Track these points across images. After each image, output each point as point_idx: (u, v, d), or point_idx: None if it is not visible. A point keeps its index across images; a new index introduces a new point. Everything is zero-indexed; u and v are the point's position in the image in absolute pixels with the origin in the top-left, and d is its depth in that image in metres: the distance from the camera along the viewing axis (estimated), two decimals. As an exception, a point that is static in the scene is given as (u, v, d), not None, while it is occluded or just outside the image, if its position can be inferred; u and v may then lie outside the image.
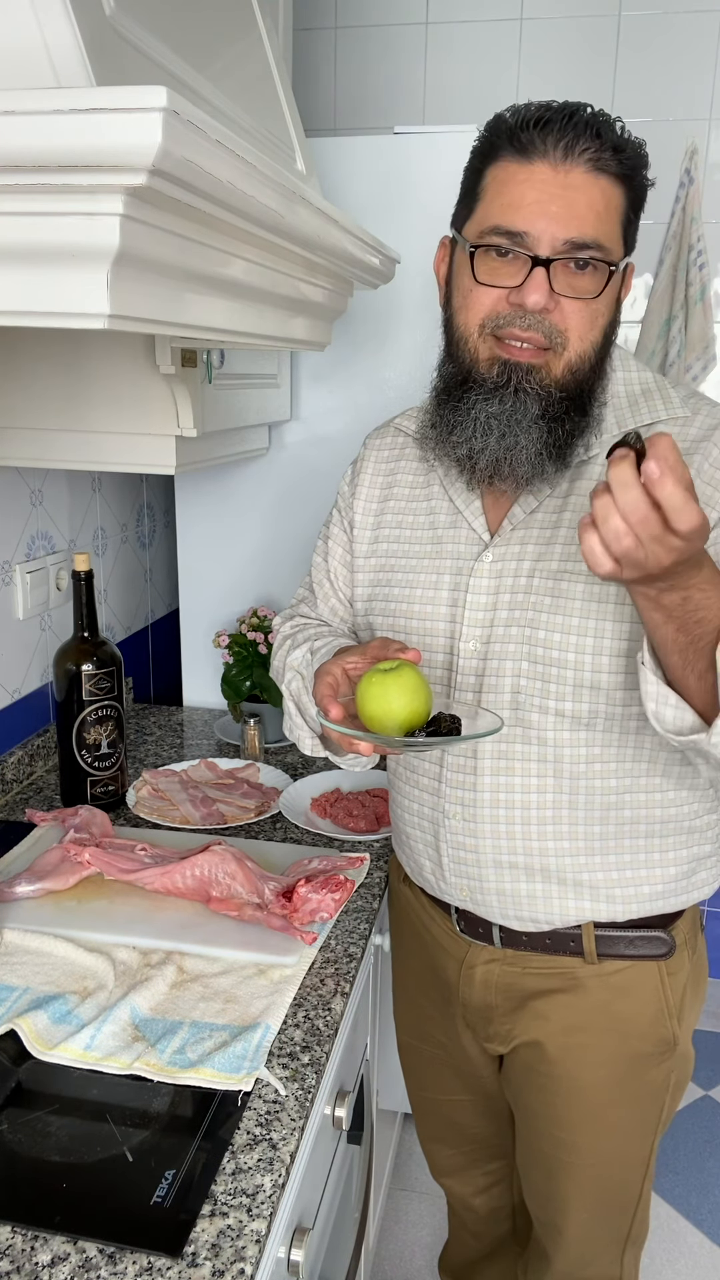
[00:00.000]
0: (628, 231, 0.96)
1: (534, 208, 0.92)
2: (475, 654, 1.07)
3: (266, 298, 1.14)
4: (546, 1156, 1.20)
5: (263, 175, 0.88)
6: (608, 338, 0.99)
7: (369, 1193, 1.42)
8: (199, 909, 1.24)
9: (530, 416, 0.97)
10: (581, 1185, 1.20)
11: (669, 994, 1.11)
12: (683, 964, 1.12)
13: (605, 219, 0.93)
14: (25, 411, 1.39)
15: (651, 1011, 1.11)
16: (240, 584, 1.99)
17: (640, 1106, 1.16)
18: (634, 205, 0.95)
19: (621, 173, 0.92)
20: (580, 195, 0.91)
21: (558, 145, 0.91)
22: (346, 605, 1.25)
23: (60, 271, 0.76)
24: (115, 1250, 0.78)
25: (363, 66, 2.34)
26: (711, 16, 2.16)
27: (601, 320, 0.97)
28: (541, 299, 0.92)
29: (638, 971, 1.10)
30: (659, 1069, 1.14)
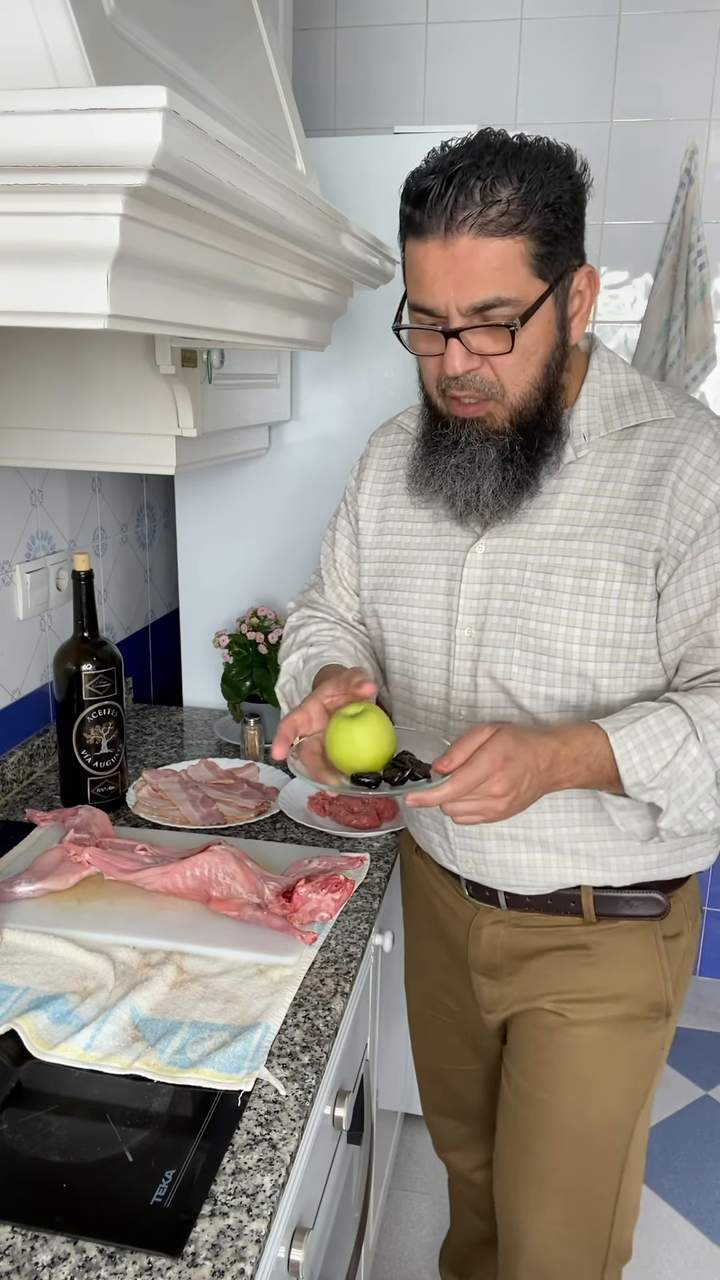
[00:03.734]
0: (546, 263, 0.97)
1: (433, 284, 0.97)
2: (470, 640, 1.13)
3: (266, 298, 1.14)
4: (524, 1124, 1.23)
5: (263, 175, 0.88)
6: (549, 366, 1.03)
7: (369, 1193, 1.42)
8: (199, 909, 1.24)
9: (488, 462, 1.05)
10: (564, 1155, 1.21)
11: (664, 960, 1.17)
12: (681, 930, 1.18)
13: (505, 272, 0.95)
14: (25, 411, 1.39)
15: (647, 974, 1.16)
16: (240, 584, 1.99)
17: (630, 1074, 1.20)
18: (545, 239, 0.96)
19: (512, 225, 0.94)
20: (471, 262, 0.95)
21: (440, 221, 0.95)
22: (352, 594, 1.30)
23: (60, 271, 0.76)
24: (115, 1250, 0.78)
25: (363, 66, 2.34)
26: (711, 16, 2.16)
27: (534, 358, 1.01)
28: (460, 365, 0.99)
29: (635, 933, 1.16)
30: (649, 1039, 1.19)
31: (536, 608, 1.08)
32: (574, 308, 1.03)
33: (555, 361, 1.03)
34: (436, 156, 0.98)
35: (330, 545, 1.33)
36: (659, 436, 1.05)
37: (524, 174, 0.95)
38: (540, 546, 1.09)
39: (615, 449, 1.07)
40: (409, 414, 1.26)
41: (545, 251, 0.97)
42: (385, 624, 1.22)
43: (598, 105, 2.25)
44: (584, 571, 1.06)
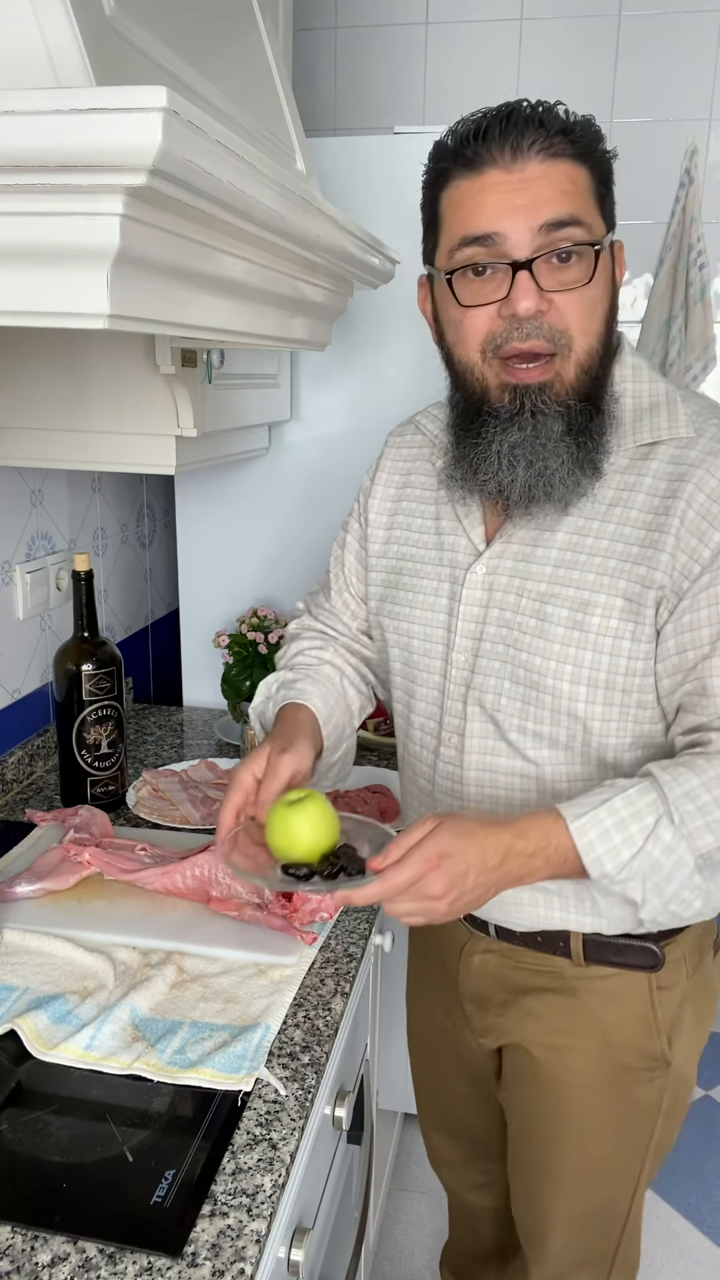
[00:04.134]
0: (604, 207, 0.93)
1: (496, 208, 0.90)
2: (465, 665, 1.07)
3: (266, 298, 1.14)
4: (531, 1162, 1.19)
5: (263, 175, 0.88)
6: (609, 326, 0.96)
7: (369, 1193, 1.42)
8: (199, 909, 1.24)
9: (555, 436, 0.94)
10: (563, 1196, 1.17)
11: (658, 1008, 1.08)
12: (677, 980, 1.09)
13: (576, 196, 0.90)
14: (25, 411, 1.39)
15: (637, 1023, 1.08)
16: (240, 584, 1.99)
17: (628, 1124, 1.13)
18: (602, 179, 0.92)
19: (579, 152, 0.89)
20: (542, 183, 0.89)
21: (504, 148, 0.88)
22: (359, 602, 1.25)
23: (60, 271, 0.76)
24: (115, 1250, 0.78)
25: (363, 66, 2.34)
26: (711, 16, 2.16)
27: (600, 308, 0.93)
28: (532, 304, 0.89)
29: (625, 980, 1.07)
30: (649, 1087, 1.11)
31: (530, 639, 1.00)
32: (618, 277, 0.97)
33: (609, 329, 0.96)
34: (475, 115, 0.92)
35: (340, 547, 1.27)
36: (674, 458, 0.95)
37: (583, 119, 0.92)
38: (540, 572, 1.00)
39: (628, 469, 0.98)
40: (428, 414, 1.18)
41: (603, 193, 0.92)
42: (389, 638, 1.16)
43: (598, 105, 2.25)
44: (581, 605, 0.97)
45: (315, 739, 1.13)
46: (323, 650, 1.24)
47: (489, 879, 0.90)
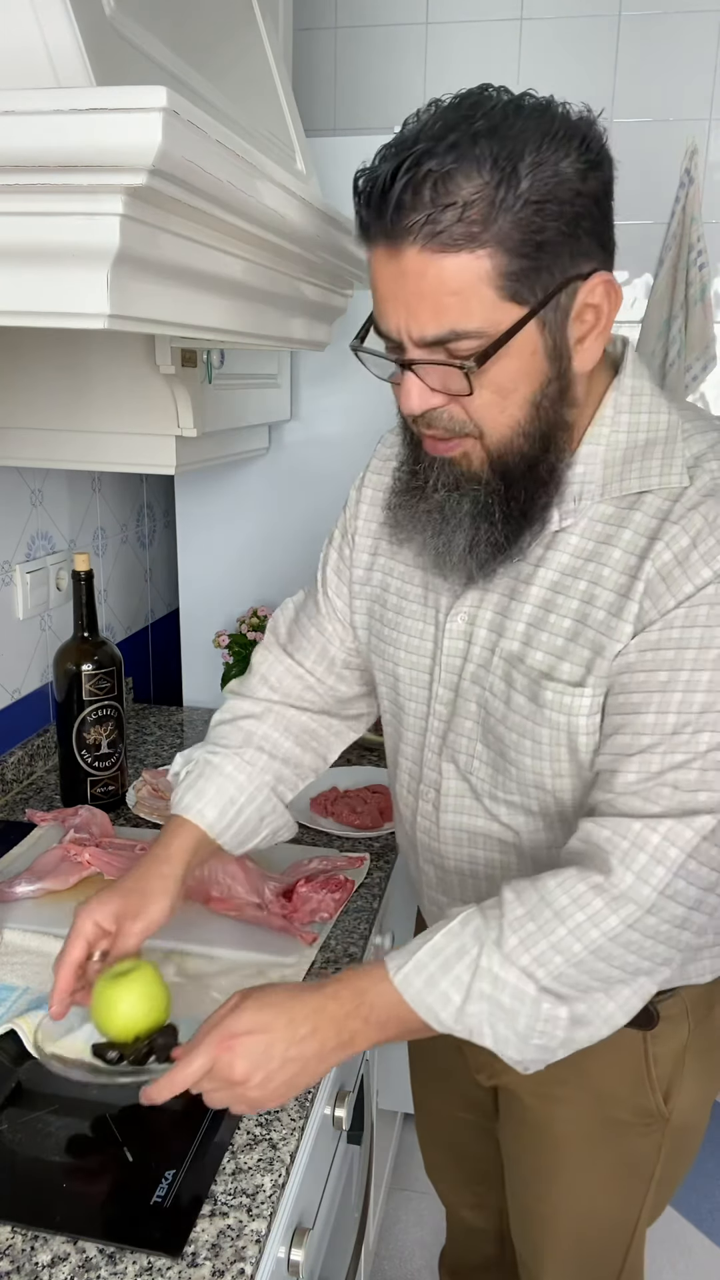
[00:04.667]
0: (524, 281, 0.75)
1: (384, 304, 0.79)
2: (443, 717, 0.98)
3: (266, 298, 1.14)
4: (525, 1205, 1.16)
5: (263, 175, 0.88)
6: (537, 405, 0.81)
7: (369, 1193, 1.42)
8: (199, 909, 1.24)
9: (460, 514, 0.87)
10: (557, 1240, 1.13)
11: (652, 1065, 1.01)
12: (678, 1034, 1.01)
13: (464, 298, 0.75)
14: (26, 411, 1.39)
15: (629, 1080, 1.02)
16: (240, 584, 1.99)
17: (623, 1175, 1.08)
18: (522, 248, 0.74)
19: (468, 236, 0.72)
20: (421, 284, 0.75)
21: (382, 221, 0.75)
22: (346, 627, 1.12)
23: (60, 271, 0.75)
24: (115, 1250, 0.78)
25: (363, 66, 2.34)
26: (711, 16, 2.16)
27: (515, 397, 0.80)
28: (416, 403, 0.81)
29: (617, 1035, 0.93)
30: (644, 1140, 1.05)
31: (499, 704, 0.91)
32: (581, 329, 0.80)
33: (549, 399, 0.81)
34: (408, 128, 0.78)
35: (323, 566, 1.14)
36: (658, 511, 0.82)
37: (499, 158, 0.71)
38: (514, 629, 0.90)
39: (612, 519, 0.85)
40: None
41: (523, 266, 0.74)
42: (377, 675, 1.08)
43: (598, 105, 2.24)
44: (546, 671, 0.87)
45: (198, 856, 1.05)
46: (252, 733, 1.11)
47: (303, 1051, 0.82)
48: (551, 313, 0.78)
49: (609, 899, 0.80)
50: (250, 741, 1.11)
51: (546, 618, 0.88)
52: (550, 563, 0.88)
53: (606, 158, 0.78)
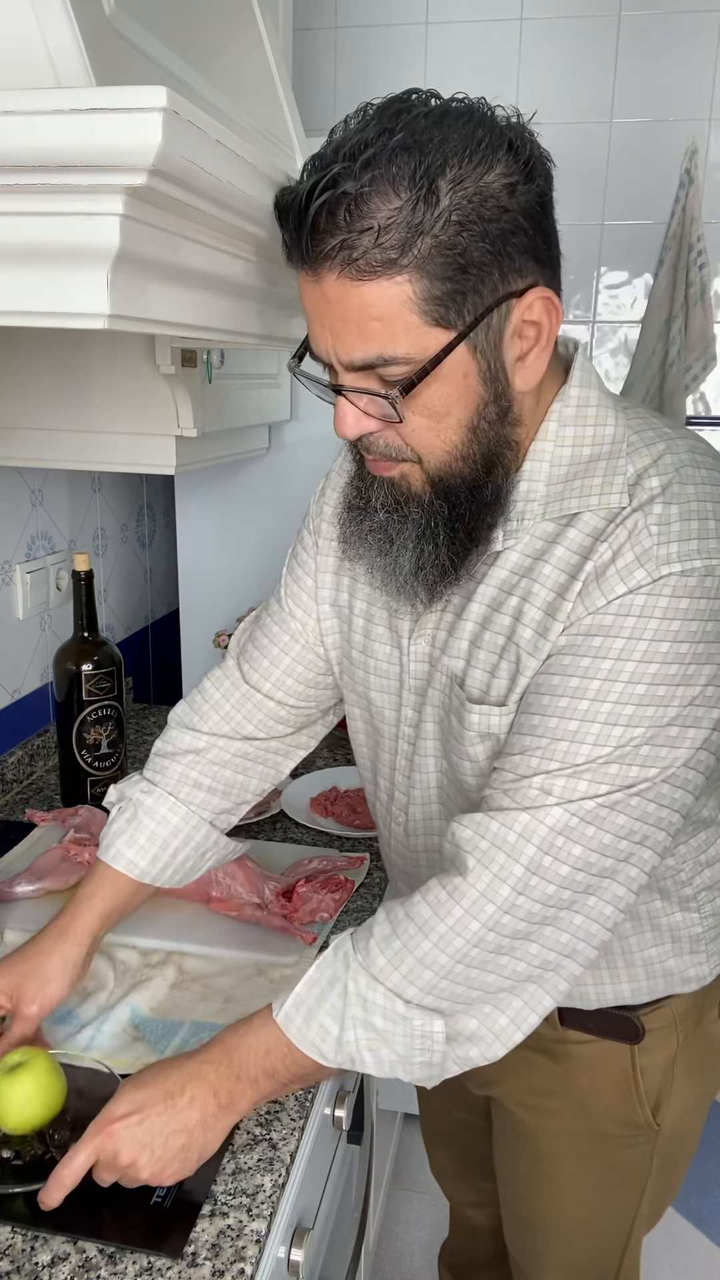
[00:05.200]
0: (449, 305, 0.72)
1: (312, 326, 0.78)
2: (409, 740, 0.96)
3: (267, 297, 1.14)
4: (517, 1214, 1.16)
5: (263, 175, 0.88)
6: (474, 428, 0.78)
7: (369, 1193, 1.42)
8: (199, 909, 1.24)
9: (404, 537, 0.84)
10: (550, 1249, 1.13)
11: (639, 1077, 1.00)
12: (667, 1045, 1.00)
13: (387, 324, 0.72)
14: (26, 411, 1.39)
15: (617, 1093, 1.01)
16: (240, 584, 1.99)
17: (614, 1188, 1.07)
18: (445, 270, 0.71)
19: (386, 261, 0.69)
20: (344, 310, 0.72)
21: (300, 246, 0.73)
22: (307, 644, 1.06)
23: (60, 271, 0.75)
24: (115, 1250, 0.78)
25: (363, 66, 2.34)
26: (711, 16, 2.16)
27: (449, 421, 0.77)
28: (350, 428, 0.80)
29: (604, 1048, 0.98)
30: (634, 1151, 1.04)
31: (453, 727, 0.88)
32: (519, 349, 0.77)
33: (487, 421, 0.78)
34: (332, 139, 0.74)
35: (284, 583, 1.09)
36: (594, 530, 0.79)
37: (416, 175, 0.68)
38: (460, 648, 0.87)
39: (549, 534, 0.82)
40: None
41: (446, 290, 0.71)
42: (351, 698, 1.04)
43: (598, 105, 2.25)
44: (483, 693, 0.85)
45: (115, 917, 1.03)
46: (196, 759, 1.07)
47: (186, 1121, 0.80)
48: (483, 335, 0.74)
49: (468, 904, 0.78)
50: (186, 779, 1.06)
51: (483, 635, 0.85)
52: (491, 579, 0.85)
53: (539, 167, 0.73)
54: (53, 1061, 0.88)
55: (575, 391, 0.83)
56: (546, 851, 0.77)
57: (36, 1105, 0.85)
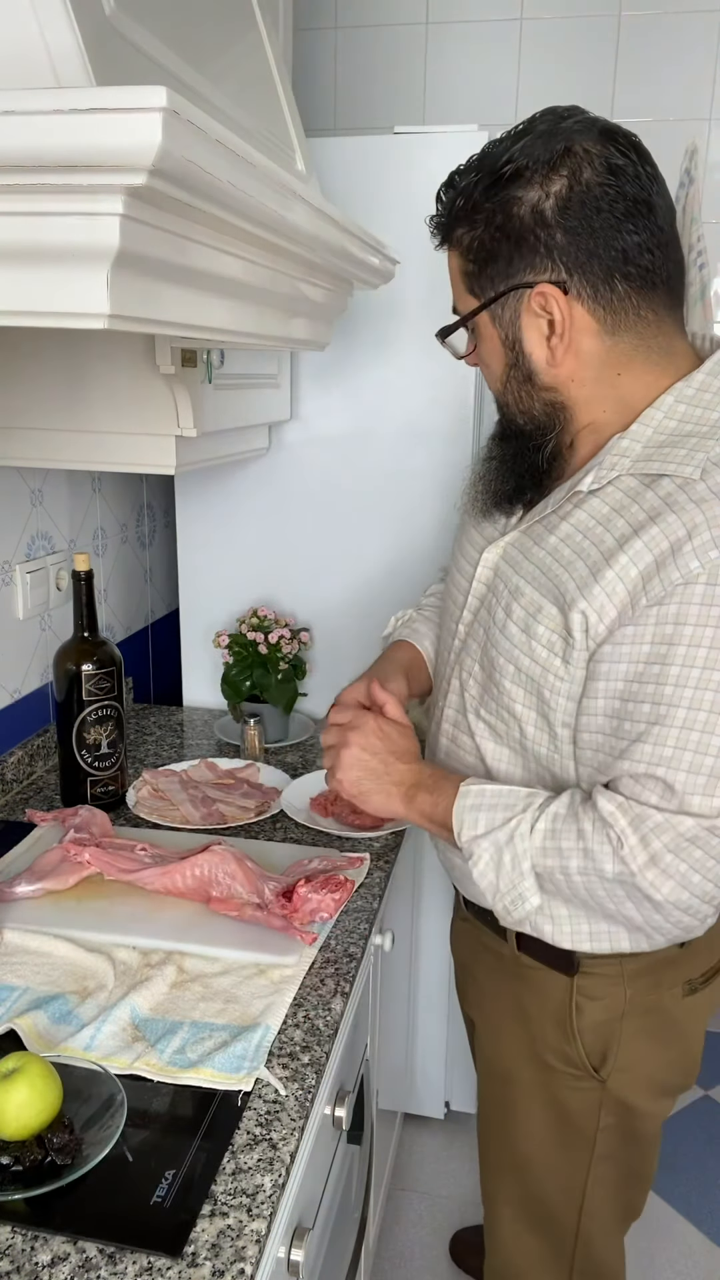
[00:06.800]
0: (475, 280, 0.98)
1: None
2: (462, 636, 1.14)
3: (266, 298, 1.15)
4: (484, 1140, 1.29)
5: (263, 175, 0.88)
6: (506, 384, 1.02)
7: (369, 1193, 1.42)
8: (199, 909, 1.24)
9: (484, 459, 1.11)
10: (503, 1178, 1.25)
11: (574, 1015, 1.10)
12: (611, 996, 1.09)
13: (454, 284, 1.02)
14: (25, 411, 1.39)
15: (553, 1021, 1.12)
16: (240, 584, 1.99)
17: (559, 1129, 1.16)
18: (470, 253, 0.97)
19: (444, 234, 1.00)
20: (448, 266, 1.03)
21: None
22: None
23: (60, 271, 0.76)
24: (115, 1250, 0.78)
25: (363, 66, 2.34)
26: (711, 16, 2.16)
27: (490, 372, 1.03)
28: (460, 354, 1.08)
29: (547, 976, 1.11)
30: (577, 1095, 1.13)
31: (496, 631, 1.05)
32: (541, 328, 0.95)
33: (515, 381, 0.99)
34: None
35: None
36: (667, 496, 0.91)
37: (465, 178, 0.95)
38: (525, 569, 1.03)
39: (630, 490, 0.95)
40: None
41: (473, 269, 0.96)
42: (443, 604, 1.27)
43: (598, 105, 2.24)
44: (535, 610, 0.99)
45: (416, 675, 1.30)
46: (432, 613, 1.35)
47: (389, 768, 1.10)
48: (500, 309, 0.97)
49: (615, 852, 0.93)
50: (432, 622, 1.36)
51: (552, 565, 0.99)
52: (571, 518, 0.99)
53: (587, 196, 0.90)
54: (47, 1066, 0.88)
55: (701, 377, 0.96)
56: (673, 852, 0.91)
57: (33, 1110, 0.85)
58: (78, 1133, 0.87)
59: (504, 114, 2.28)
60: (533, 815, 0.98)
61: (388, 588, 1.90)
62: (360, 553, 1.90)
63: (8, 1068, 0.87)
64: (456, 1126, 2.23)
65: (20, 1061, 0.87)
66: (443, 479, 1.82)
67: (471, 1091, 2.19)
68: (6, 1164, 0.85)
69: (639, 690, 0.91)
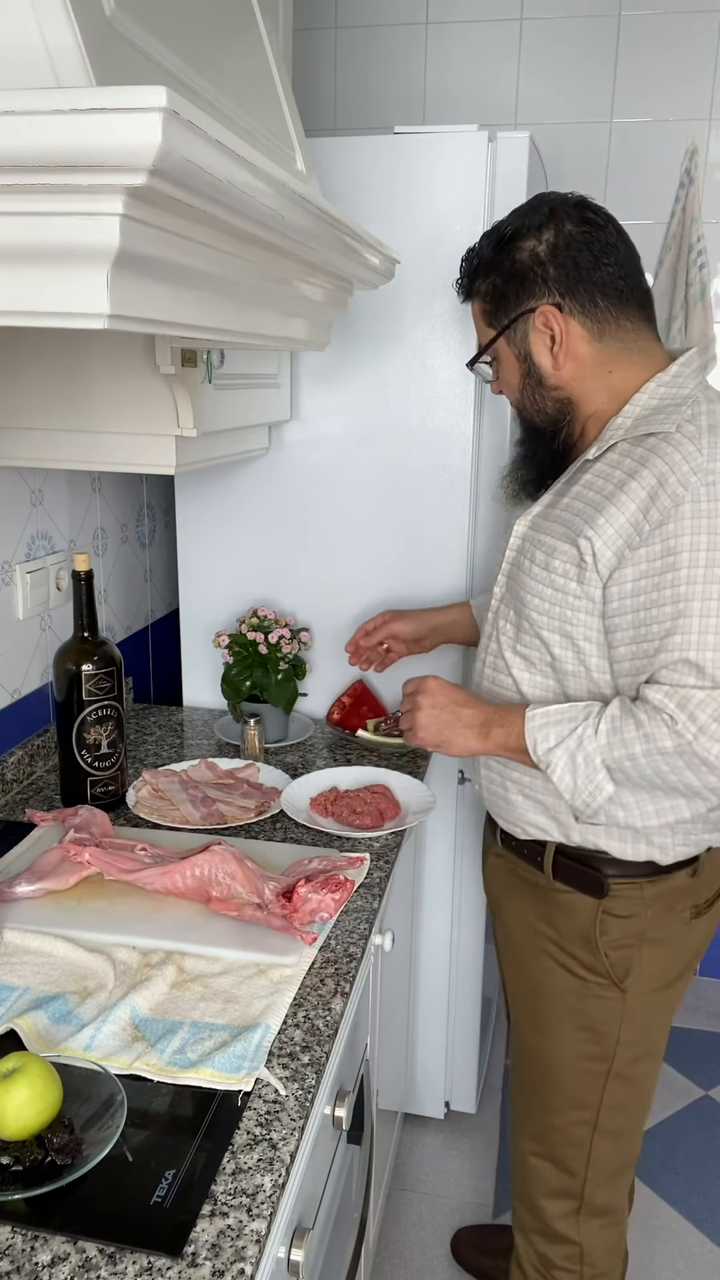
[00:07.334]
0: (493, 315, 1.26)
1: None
2: (498, 596, 1.36)
3: (267, 298, 1.15)
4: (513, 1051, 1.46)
5: (263, 175, 0.88)
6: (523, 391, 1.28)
7: (369, 1193, 1.42)
8: (199, 909, 1.24)
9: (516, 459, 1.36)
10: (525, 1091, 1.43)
11: (599, 929, 1.29)
12: (632, 915, 1.28)
13: (477, 326, 1.32)
14: (25, 411, 1.39)
15: (581, 937, 1.31)
16: (240, 584, 1.99)
17: (583, 1032, 1.34)
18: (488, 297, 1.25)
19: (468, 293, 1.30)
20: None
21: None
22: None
23: (60, 271, 0.76)
24: (115, 1250, 0.78)
25: (363, 66, 2.34)
26: (711, 16, 2.16)
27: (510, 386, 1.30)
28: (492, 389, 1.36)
29: (576, 899, 1.31)
30: (601, 1003, 1.32)
31: (523, 575, 1.28)
32: (544, 343, 1.22)
33: (530, 387, 1.26)
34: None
35: None
36: (652, 446, 1.15)
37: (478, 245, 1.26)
38: (547, 528, 1.26)
39: (622, 450, 1.19)
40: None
41: (490, 308, 1.26)
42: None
43: (598, 105, 2.25)
44: (551, 550, 1.23)
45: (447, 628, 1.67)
46: None
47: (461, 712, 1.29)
48: (513, 332, 1.25)
49: (670, 728, 1.10)
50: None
51: (563, 515, 1.24)
52: (580, 480, 1.23)
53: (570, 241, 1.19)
54: (47, 1066, 0.88)
55: (675, 368, 1.21)
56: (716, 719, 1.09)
57: (32, 1111, 0.85)
58: (78, 1133, 0.87)
59: (504, 114, 2.28)
60: (594, 721, 1.16)
61: (388, 588, 1.90)
62: (360, 552, 1.90)
63: (8, 1068, 0.87)
64: (456, 1126, 2.23)
65: (20, 1061, 0.87)
66: (442, 479, 1.83)
67: (472, 1091, 2.19)
68: (6, 1164, 0.85)
69: (658, 596, 1.11)
